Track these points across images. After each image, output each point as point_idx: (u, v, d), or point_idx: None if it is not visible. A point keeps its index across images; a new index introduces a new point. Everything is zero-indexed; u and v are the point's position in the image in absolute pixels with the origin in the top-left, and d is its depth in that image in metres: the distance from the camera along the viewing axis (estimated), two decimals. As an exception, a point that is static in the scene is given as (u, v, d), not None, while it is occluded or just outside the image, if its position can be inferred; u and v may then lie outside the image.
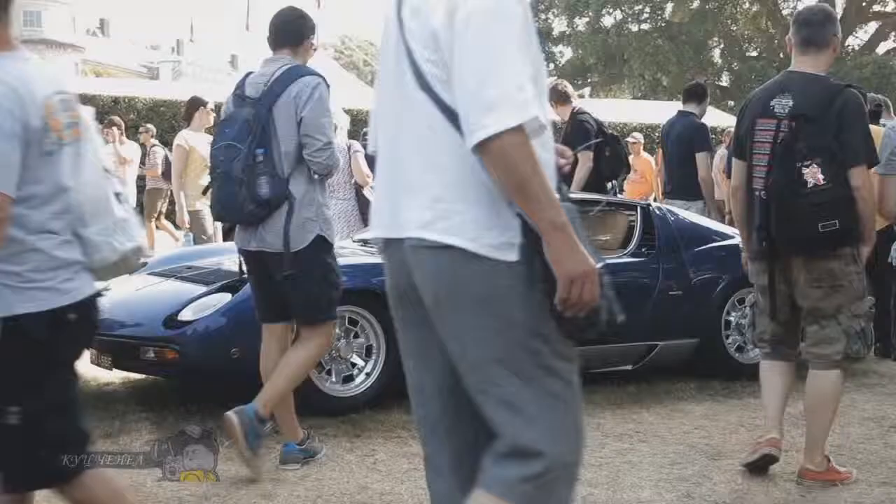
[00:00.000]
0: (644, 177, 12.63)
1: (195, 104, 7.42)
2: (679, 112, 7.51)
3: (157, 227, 13.01)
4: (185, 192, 7.29)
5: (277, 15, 4.09)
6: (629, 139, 12.61)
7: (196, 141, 7.30)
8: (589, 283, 1.91)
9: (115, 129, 10.70)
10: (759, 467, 3.88)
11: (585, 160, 6.87)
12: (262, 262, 3.92)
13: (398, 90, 2.06)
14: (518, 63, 1.90)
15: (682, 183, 7.31)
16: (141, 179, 11.90)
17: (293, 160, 3.81)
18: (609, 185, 7.36)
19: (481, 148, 1.88)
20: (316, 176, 3.87)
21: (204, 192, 4.54)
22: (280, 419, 4.03)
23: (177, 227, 9.88)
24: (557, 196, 1.97)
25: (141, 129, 12.73)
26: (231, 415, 3.77)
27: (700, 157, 7.16)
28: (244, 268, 4.13)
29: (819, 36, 3.73)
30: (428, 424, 2.20)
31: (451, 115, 1.95)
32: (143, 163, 11.76)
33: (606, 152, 7.05)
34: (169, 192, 13.55)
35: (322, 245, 3.89)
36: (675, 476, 3.89)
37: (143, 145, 12.19)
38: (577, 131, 6.99)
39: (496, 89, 1.87)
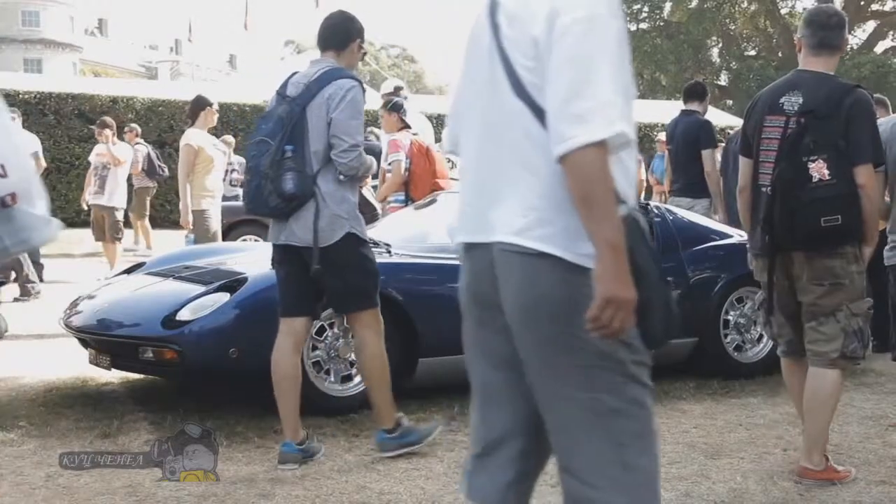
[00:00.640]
0: None
1: (201, 104, 7.40)
2: (682, 111, 7.59)
3: (131, 226, 13.02)
4: (192, 191, 7.30)
5: (326, 18, 4.20)
6: None
7: (203, 141, 7.32)
8: (623, 312, 1.91)
9: (107, 130, 10.66)
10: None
11: None
12: (294, 255, 4.00)
13: (491, 95, 2.06)
14: (610, 77, 1.91)
15: (688, 180, 7.37)
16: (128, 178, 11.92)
17: (322, 159, 3.92)
18: None
19: (564, 158, 1.90)
20: (342, 177, 3.95)
21: (242, 185, 4.61)
22: (283, 418, 4.05)
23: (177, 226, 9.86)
24: (633, 203, 2.00)
25: (126, 129, 12.69)
26: (380, 453, 4.11)
27: (706, 154, 7.25)
28: (273, 260, 4.18)
29: (835, 39, 3.79)
30: (489, 422, 2.20)
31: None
32: None
33: None
34: (155, 190, 13.66)
35: (353, 240, 3.99)
36: (674, 475, 3.89)
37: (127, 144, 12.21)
38: None
39: (587, 102, 1.88)
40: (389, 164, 7.09)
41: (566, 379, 2.02)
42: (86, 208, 11.32)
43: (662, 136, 11.77)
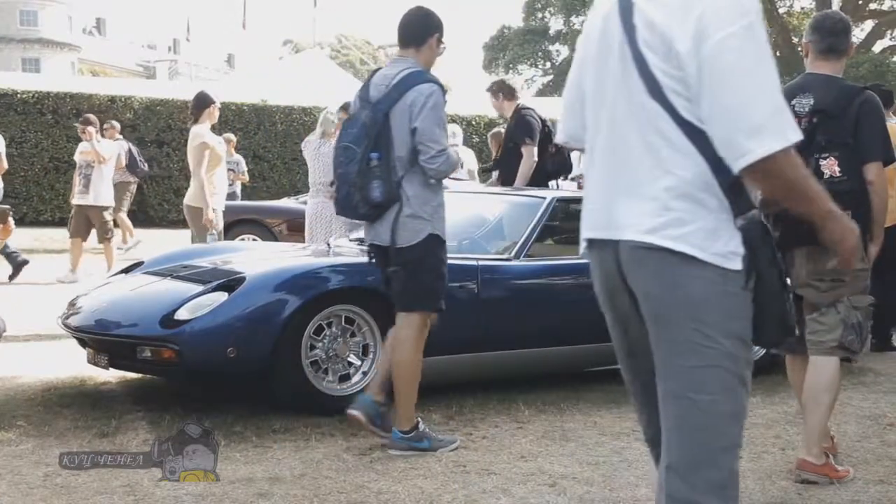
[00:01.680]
0: None
1: (205, 101, 7.40)
2: None
3: (117, 225, 12.94)
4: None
5: (404, 15, 4.25)
6: None
7: (213, 138, 7.35)
8: (858, 249, 2.13)
9: (90, 127, 10.57)
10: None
11: (530, 155, 6.94)
12: (383, 254, 4.15)
13: (622, 94, 2.06)
14: (774, 83, 1.95)
15: None
16: None
17: (407, 163, 4.02)
18: (554, 183, 7.34)
19: (747, 169, 1.93)
20: (432, 180, 4.06)
21: (332, 184, 4.67)
22: (373, 380, 4.23)
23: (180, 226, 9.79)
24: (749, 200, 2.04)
25: (105, 126, 12.61)
26: (389, 450, 4.15)
27: None
28: (372, 259, 4.31)
29: (841, 44, 3.88)
30: (647, 408, 2.24)
31: (685, 126, 1.98)
32: None
33: (552, 150, 7.09)
34: (135, 186, 13.66)
35: (434, 241, 4.09)
36: (672, 474, 3.89)
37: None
38: (520, 125, 7.08)
39: (759, 113, 1.92)
40: None
41: (688, 378, 2.03)
42: None
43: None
